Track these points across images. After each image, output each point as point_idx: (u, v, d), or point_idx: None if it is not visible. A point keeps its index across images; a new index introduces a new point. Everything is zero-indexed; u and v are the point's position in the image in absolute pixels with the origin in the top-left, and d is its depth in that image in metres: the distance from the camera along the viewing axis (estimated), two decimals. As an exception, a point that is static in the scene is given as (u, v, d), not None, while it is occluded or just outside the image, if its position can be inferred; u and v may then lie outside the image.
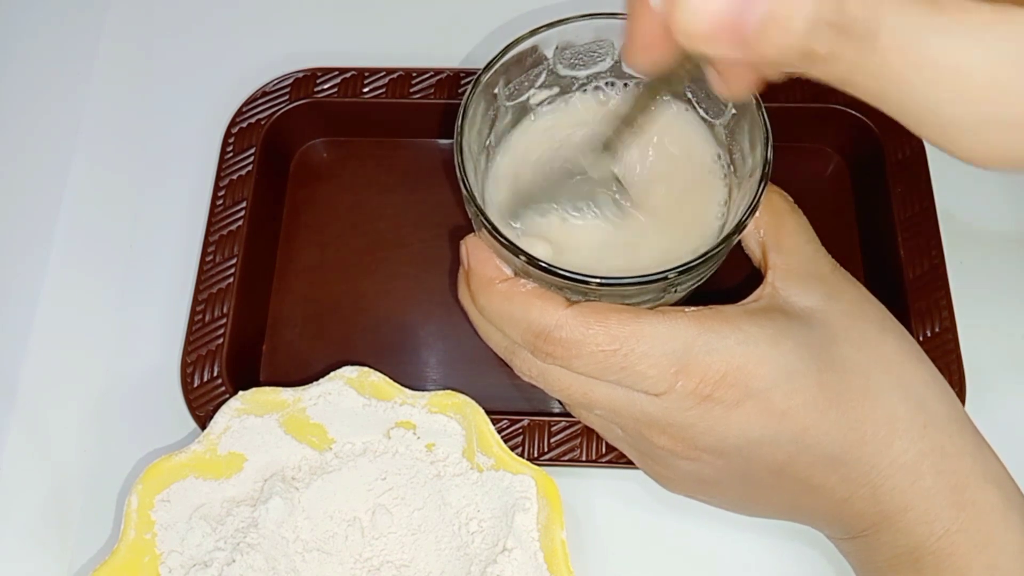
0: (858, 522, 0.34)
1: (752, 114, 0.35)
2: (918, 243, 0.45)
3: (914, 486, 0.33)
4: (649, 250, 0.37)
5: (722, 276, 0.38)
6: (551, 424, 0.43)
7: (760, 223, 0.36)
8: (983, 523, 0.32)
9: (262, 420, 0.42)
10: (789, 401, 0.33)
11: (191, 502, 0.41)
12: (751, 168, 0.36)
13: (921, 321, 0.44)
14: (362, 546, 0.40)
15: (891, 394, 0.33)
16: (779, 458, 0.33)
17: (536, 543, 0.39)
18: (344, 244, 0.50)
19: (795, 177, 0.40)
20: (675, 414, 0.33)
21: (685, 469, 0.35)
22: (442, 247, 0.49)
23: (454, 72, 0.50)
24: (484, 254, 0.36)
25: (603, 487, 0.44)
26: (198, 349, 0.45)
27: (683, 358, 0.32)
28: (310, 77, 0.51)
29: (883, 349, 0.34)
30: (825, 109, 0.49)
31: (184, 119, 0.53)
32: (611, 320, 0.33)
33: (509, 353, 0.37)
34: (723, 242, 0.34)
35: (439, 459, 0.41)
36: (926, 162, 0.47)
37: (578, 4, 0.38)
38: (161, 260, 0.50)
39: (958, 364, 0.43)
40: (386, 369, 0.43)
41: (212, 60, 0.55)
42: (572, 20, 0.37)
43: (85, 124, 0.54)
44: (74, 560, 0.43)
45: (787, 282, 0.35)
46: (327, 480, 0.41)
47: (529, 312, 0.34)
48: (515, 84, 0.38)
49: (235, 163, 0.49)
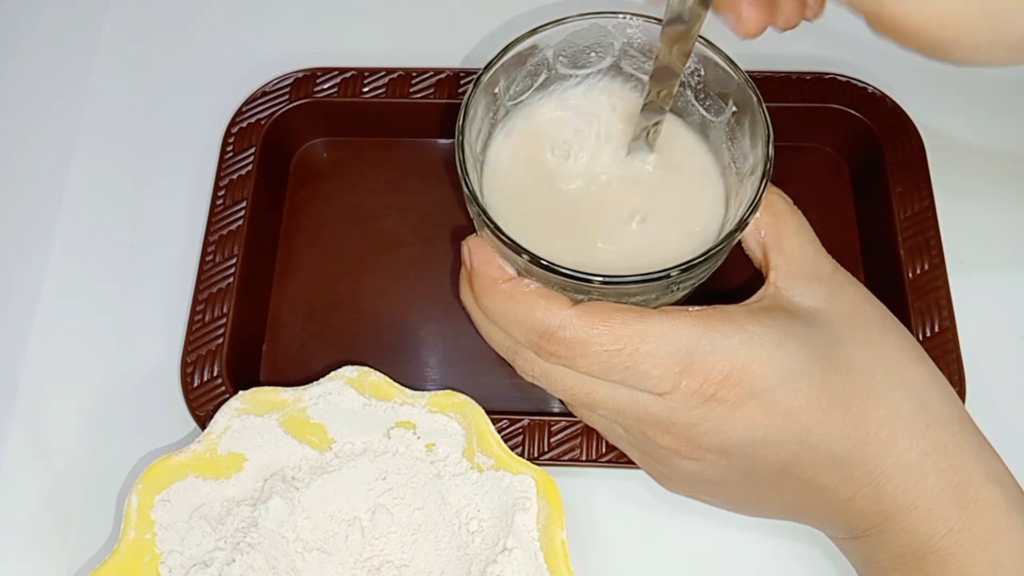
0: (861, 522, 0.34)
1: (753, 111, 0.35)
2: (918, 243, 0.45)
3: (917, 485, 0.33)
4: (649, 244, 0.37)
5: (724, 277, 0.38)
6: (551, 424, 0.43)
7: (761, 224, 0.36)
8: (986, 521, 0.32)
9: (262, 420, 0.42)
10: (793, 401, 0.33)
11: (191, 502, 0.41)
12: (752, 166, 0.36)
13: (921, 321, 0.44)
14: (362, 546, 0.40)
15: (894, 394, 0.34)
16: (782, 458, 0.33)
17: (536, 543, 0.39)
18: (344, 244, 0.50)
19: (795, 177, 0.40)
20: (679, 413, 0.33)
21: (688, 469, 0.35)
22: (442, 247, 0.49)
23: (454, 72, 0.50)
24: (487, 254, 0.35)
25: (603, 487, 0.44)
26: (198, 349, 0.45)
27: (687, 357, 0.32)
28: (310, 77, 0.51)
29: (885, 349, 0.35)
30: (825, 109, 0.49)
31: (184, 119, 0.54)
32: (615, 319, 0.33)
33: (512, 353, 0.37)
34: (725, 240, 0.34)
35: (439, 459, 0.41)
36: (926, 162, 0.47)
37: (578, 4, 0.38)
38: (161, 260, 0.50)
39: (958, 364, 0.43)
40: (386, 369, 0.43)
41: (212, 59, 0.55)
42: (572, 20, 0.37)
43: (85, 124, 0.54)
44: (74, 560, 0.43)
45: (789, 283, 0.35)
46: (327, 480, 0.41)
47: (533, 312, 0.34)
48: (516, 83, 0.38)
49: (235, 163, 0.49)
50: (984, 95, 0.52)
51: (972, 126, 0.51)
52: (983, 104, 0.52)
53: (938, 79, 0.52)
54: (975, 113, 0.52)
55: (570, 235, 0.38)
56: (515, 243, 0.33)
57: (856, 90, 0.49)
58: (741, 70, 0.36)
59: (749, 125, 0.36)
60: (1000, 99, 0.52)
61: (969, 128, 0.51)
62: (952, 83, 0.52)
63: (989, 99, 0.52)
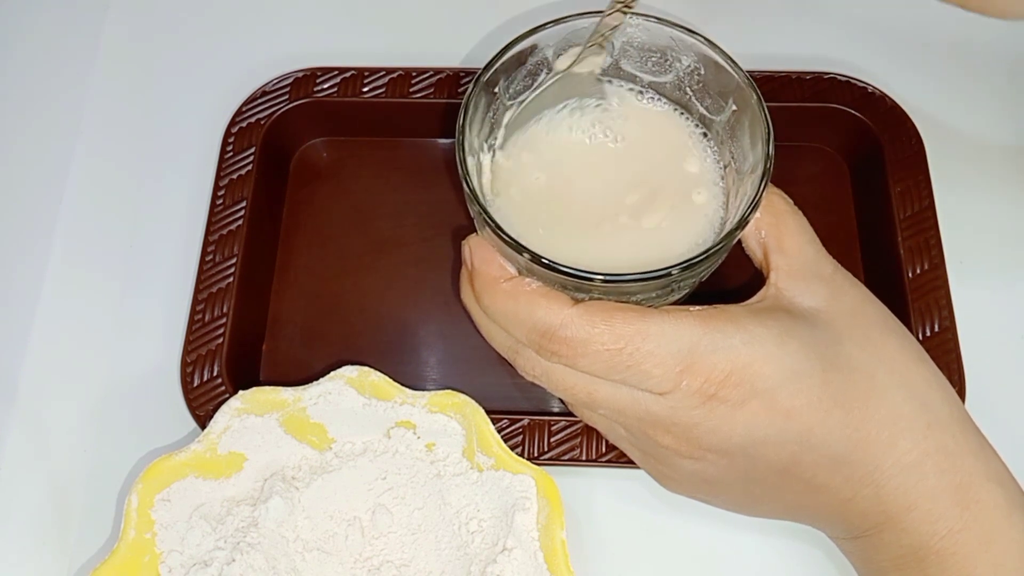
0: (861, 522, 0.34)
1: (753, 110, 0.35)
2: (918, 243, 0.45)
3: (918, 486, 0.33)
4: (647, 243, 0.37)
5: (725, 277, 0.38)
6: (551, 423, 0.43)
7: (761, 224, 0.36)
8: (987, 522, 0.32)
9: (262, 420, 0.42)
10: (794, 401, 0.33)
11: (191, 501, 0.41)
12: (752, 165, 0.36)
13: (921, 321, 0.44)
14: (362, 546, 0.40)
15: (895, 394, 0.34)
16: (783, 458, 0.33)
17: (536, 543, 0.39)
18: (344, 244, 0.50)
19: (795, 177, 0.40)
20: (680, 413, 0.33)
21: (689, 469, 0.35)
22: (443, 247, 0.49)
23: (454, 72, 0.50)
24: (487, 253, 0.35)
25: (603, 486, 0.44)
26: (198, 349, 0.45)
27: (688, 357, 0.32)
28: (310, 77, 0.51)
29: (886, 349, 0.35)
30: (825, 109, 0.49)
31: (184, 118, 0.53)
32: (616, 319, 0.33)
33: (512, 353, 0.37)
34: (725, 239, 0.34)
35: (439, 459, 0.41)
36: (926, 162, 0.47)
37: (578, 3, 0.38)
38: (161, 259, 0.50)
39: (958, 364, 0.43)
40: (386, 369, 0.43)
41: (212, 59, 0.55)
42: (571, 19, 0.37)
43: (85, 123, 0.54)
44: (74, 560, 0.43)
45: (790, 283, 0.35)
46: (327, 480, 0.41)
47: (534, 311, 0.34)
48: (516, 83, 0.38)
49: (235, 163, 0.49)
50: (984, 95, 0.52)
51: (972, 126, 0.51)
52: (983, 104, 0.52)
53: (939, 79, 0.52)
54: (975, 113, 0.52)
55: (571, 234, 0.38)
56: (516, 242, 0.33)
57: (856, 90, 0.49)
58: (741, 69, 0.36)
59: (749, 124, 0.36)
60: (1001, 99, 0.52)
61: (969, 128, 0.51)
62: (952, 83, 0.52)
63: (989, 99, 0.52)
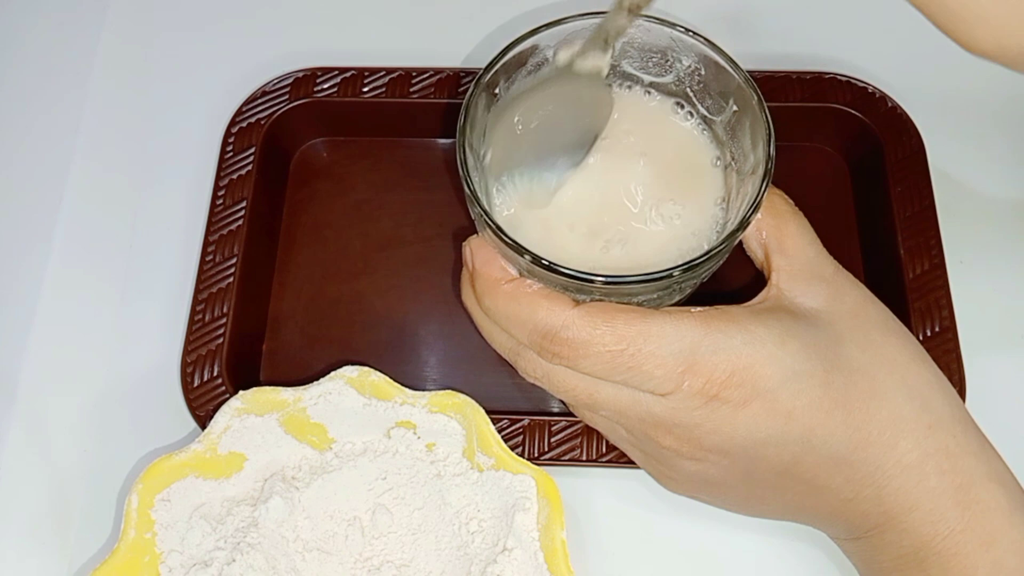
0: (863, 522, 0.34)
1: (753, 111, 0.36)
2: (918, 243, 0.45)
3: (919, 486, 0.33)
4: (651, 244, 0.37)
5: (727, 278, 0.38)
6: (551, 424, 0.43)
7: (762, 225, 0.36)
8: (988, 522, 0.33)
9: (262, 420, 0.42)
10: (795, 401, 0.33)
11: (191, 501, 0.41)
12: (753, 165, 0.36)
13: (921, 321, 0.44)
14: (362, 546, 0.40)
15: (896, 395, 0.34)
16: (784, 458, 0.34)
17: (536, 543, 0.39)
18: (344, 244, 0.50)
19: (795, 177, 0.40)
20: (681, 414, 0.33)
21: (690, 470, 0.36)
22: (443, 247, 0.49)
23: (454, 72, 0.50)
24: (488, 255, 0.35)
25: (603, 487, 0.44)
26: (198, 349, 0.45)
27: (690, 358, 0.32)
28: (310, 77, 0.51)
29: (887, 350, 0.35)
30: (825, 109, 0.49)
31: (184, 118, 0.53)
32: (618, 320, 0.33)
33: (514, 354, 0.37)
34: (726, 240, 0.34)
35: (439, 459, 0.41)
36: (926, 162, 0.47)
37: (578, 4, 0.38)
38: (161, 260, 0.50)
39: (958, 364, 0.43)
40: (386, 369, 0.43)
41: (212, 60, 0.55)
42: (572, 20, 0.37)
43: (85, 124, 0.54)
44: (74, 560, 0.43)
45: (791, 284, 0.35)
46: (327, 480, 0.41)
47: (536, 312, 0.34)
48: (516, 83, 0.38)
49: (235, 163, 0.49)
50: (984, 95, 0.52)
51: (972, 125, 0.51)
52: (983, 104, 0.52)
53: (938, 79, 0.52)
54: (975, 112, 0.52)
55: (571, 235, 0.38)
56: (517, 244, 0.33)
57: (856, 90, 0.49)
58: (741, 69, 0.36)
59: (750, 125, 0.36)
60: (1000, 98, 0.52)
61: (969, 127, 0.51)
62: (952, 83, 0.52)
63: (989, 99, 0.52)
